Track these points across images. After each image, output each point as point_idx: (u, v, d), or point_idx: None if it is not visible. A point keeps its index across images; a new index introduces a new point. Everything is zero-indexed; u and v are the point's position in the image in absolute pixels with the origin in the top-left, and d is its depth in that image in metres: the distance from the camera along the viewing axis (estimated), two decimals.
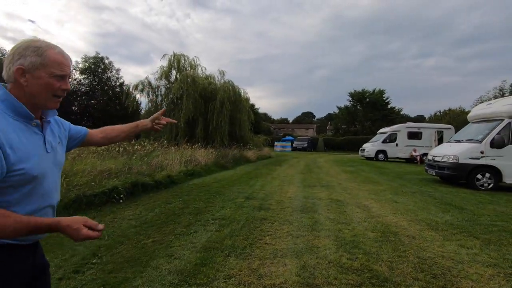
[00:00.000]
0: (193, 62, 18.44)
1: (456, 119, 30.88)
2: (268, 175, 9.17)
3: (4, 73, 0.99)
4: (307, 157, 22.35)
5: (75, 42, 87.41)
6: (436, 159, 8.56)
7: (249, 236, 3.55)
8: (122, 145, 10.32)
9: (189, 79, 16.04)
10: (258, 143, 21.21)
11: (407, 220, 4.33)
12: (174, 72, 17.90)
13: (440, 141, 19.19)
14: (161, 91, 18.30)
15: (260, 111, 69.41)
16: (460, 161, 7.71)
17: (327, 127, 71.23)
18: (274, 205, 5.09)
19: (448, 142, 9.23)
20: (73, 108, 27.35)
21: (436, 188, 7.49)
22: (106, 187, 5.14)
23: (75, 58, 28.57)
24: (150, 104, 18.12)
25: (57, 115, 1.18)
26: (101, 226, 1.00)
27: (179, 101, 16.69)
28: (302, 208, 4.89)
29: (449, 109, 41.18)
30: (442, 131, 19.35)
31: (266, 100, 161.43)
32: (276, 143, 34.76)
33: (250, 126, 20.25)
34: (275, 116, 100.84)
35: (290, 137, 41.44)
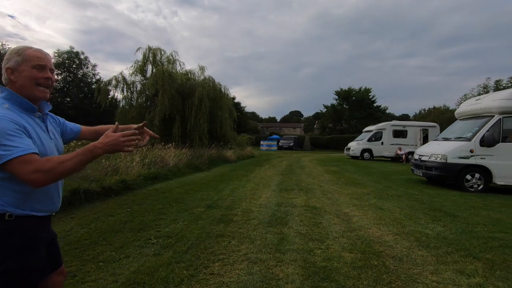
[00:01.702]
0: (171, 57, 17.40)
1: (441, 117, 30.95)
2: (244, 177, 8.37)
3: (2, 79, 1.25)
4: (292, 156, 21.71)
5: (57, 39, 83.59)
6: (423, 158, 7.99)
7: (193, 263, 2.74)
8: None
9: (165, 74, 15.02)
10: (241, 142, 20.38)
11: (393, 234, 3.63)
12: (150, 67, 16.82)
13: (425, 139, 18.94)
14: (136, 87, 17.19)
15: (248, 110, 68.68)
16: (448, 161, 7.15)
17: (315, 126, 71.14)
18: (239, 216, 4.30)
19: (435, 140, 8.69)
20: None
21: (423, 191, 6.90)
22: None
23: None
24: (124, 101, 17.01)
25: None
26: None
27: (155, 98, 15.66)
28: (270, 219, 4.12)
29: (434, 107, 41.47)
30: (427, 129, 19.11)
31: (254, 98, 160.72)
32: (262, 142, 34.02)
33: (232, 124, 19.39)
34: (264, 115, 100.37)
35: (276, 136, 40.76)
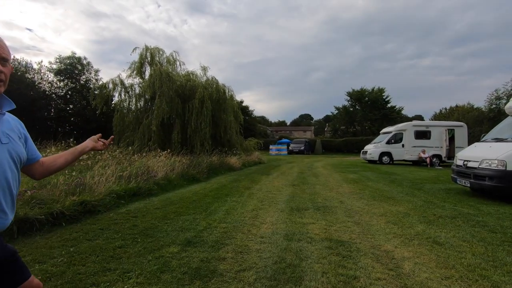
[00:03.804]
0: (171, 58, 16.26)
1: (466, 116, 28.42)
2: (246, 191, 6.91)
3: None
4: (303, 161, 20.11)
5: (72, 49, 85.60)
6: (470, 165, 6.35)
7: None
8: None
9: (163, 75, 13.82)
10: (248, 147, 18.96)
11: None
12: (148, 68, 15.70)
13: (451, 140, 17.08)
14: (135, 90, 16.08)
15: (258, 114, 67.60)
16: (508, 168, 5.51)
17: (325, 129, 69.08)
18: (228, 261, 2.84)
19: (483, 141, 7.02)
20: (46, 113, 25.01)
21: (479, 208, 5.27)
22: None
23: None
24: (122, 105, 15.91)
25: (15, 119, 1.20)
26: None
27: (153, 101, 14.49)
28: (275, 270, 2.65)
29: (456, 106, 38.62)
30: (453, 129, 17.24)
31: (264, 103, 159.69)
32: (271, 147, 32.57)
33: (238, 128, 18.03)
34: (273, 119, 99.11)
35: (286, 140, 39.11)
